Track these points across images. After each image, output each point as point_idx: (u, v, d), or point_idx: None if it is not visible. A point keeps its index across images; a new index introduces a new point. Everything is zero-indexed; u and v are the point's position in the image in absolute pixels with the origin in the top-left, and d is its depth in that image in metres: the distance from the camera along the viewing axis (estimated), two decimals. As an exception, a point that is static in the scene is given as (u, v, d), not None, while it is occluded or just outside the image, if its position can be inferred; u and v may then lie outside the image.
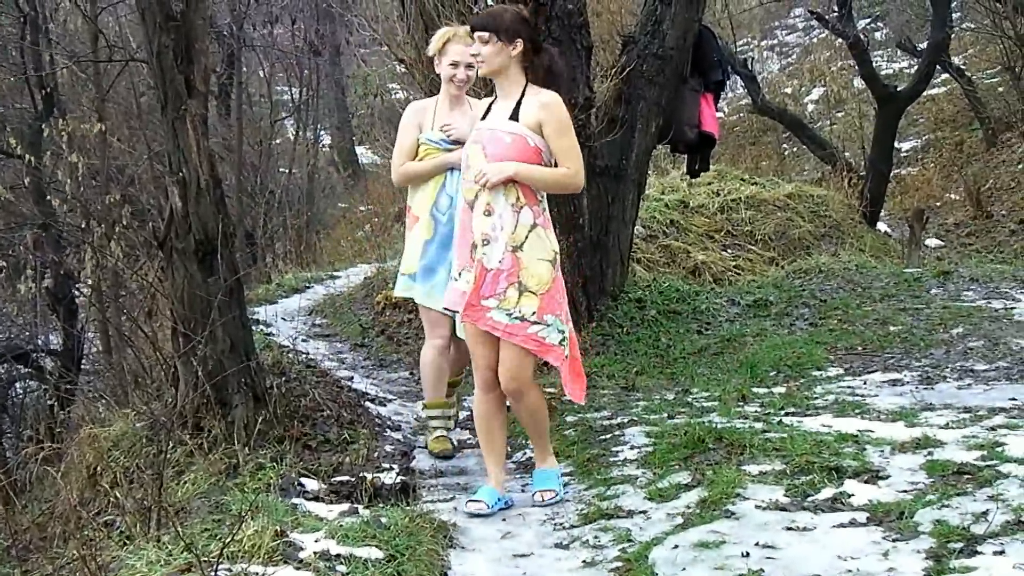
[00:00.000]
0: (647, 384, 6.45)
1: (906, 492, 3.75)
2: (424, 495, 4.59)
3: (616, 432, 5.20)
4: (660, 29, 7.67)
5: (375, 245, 13.62)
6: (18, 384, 11.29)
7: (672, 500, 4.05)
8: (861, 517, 3.59)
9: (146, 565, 3.41)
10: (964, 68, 17.04)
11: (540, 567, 3.73)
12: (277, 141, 18.48)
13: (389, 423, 5.86)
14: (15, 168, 10.94)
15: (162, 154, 5.45)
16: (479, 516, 4.21)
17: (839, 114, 19.50)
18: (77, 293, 10.57)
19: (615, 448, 4.92)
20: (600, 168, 7.53)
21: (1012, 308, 7.34)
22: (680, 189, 11.29)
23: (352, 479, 4.55)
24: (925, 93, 15.91)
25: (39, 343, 11.25)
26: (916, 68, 14.97)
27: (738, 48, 18.05)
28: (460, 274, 4.27)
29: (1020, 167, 14.72)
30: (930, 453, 4.13)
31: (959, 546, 3.20)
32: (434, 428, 5.25)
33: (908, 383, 5.76)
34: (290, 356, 6.61)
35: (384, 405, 6.30)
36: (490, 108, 4.30)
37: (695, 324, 7.80)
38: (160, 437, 4.87)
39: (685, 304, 8.13)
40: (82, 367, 10.27)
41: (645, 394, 6.16)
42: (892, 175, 14.89)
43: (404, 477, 4.64)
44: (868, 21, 22.69)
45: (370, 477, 4.55)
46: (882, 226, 13.78)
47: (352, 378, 6.88)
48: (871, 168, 13.84)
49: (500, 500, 4.32)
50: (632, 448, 4.86)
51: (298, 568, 3.40)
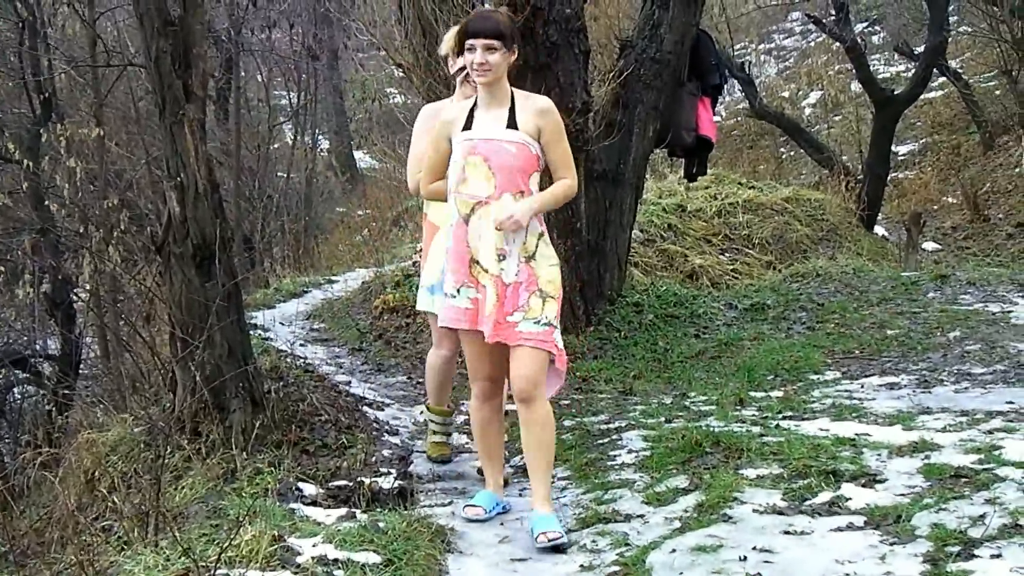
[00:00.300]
0: (645, 388, 6.46)
1: (903, 496, 3.76)
2: (422, 499, 4.59)
3: (613, 436, 5.20)
4: (658, 33, 7.70)
5: (373, 250, 13.63)
6: (16, 389, 11.28)
7: (670, 504, 4.05)
8: (858, 521, 3.59)
9: (144, 570, 3.42)
10: (961, 72, 17.08)
11: (537, 571, 3.73)
12: (275, 146, 18.47)
13: (387, 427, 5.86)
14: (13, 173, 10.95)
15: (160, 159, 5.45)
16: (477, 521, 4.21)
17: (836, 118, 19.53)
18: (75, 298, 10.57)
19: (612, 452, 4.93)
20: (598, 172, 7.54)
21: (1009, 311, 7.35)
22: (678, 193, 11.31)
23: (350, 483, 4.55)
24: (922, 97, 15.96)
25: (37, 348, 11.26)
26: (913, 72, 15.02)
27: (736, 52, 18.08)
28: (459, 291, 4.10)
29: (1017, 171, 14.74)
30: (927, 457, 4.14)
31: (956, 550, 3.20)
32: (433, 432, 5.26)
33: (905, 387, 5.76)
34: (288, 361, 6.61)
35: (382, 409, 6.30)
36: (472, 115, 4.12)
37: (693, 328, 7.82)
38: (158, 442, 4.87)
39: (683, 308, 8.14)
40: (80, 372, 10.28)
41: (643, 398, 6.17)
42: (889, 179, 14.93)
43: (402, 481, 4.63)
44: (865, 25, 22.74)
45: (368, 482, 4.55)
46: (879, 230, 13.81)
47: (350, 382, 6.87)
48: (868, 172, 13.86)
49: (498, 505, 4.32)
50: (630, 452, 4.87)
51: (296, 573, 3.41)
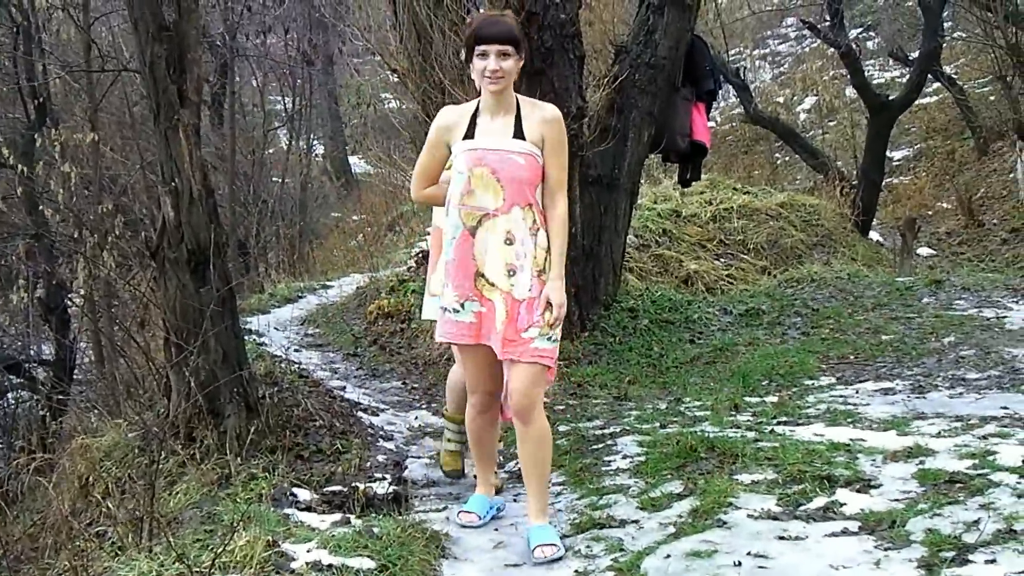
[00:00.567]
0: (639, 393, 6.46)
1: (898, 501, 3.76)
2: (416, 505, 4.59)
3: (608, 441, 5.20)
4: (652, 39, 7.71)
5: (368, 255, 13.63)
6: (10, 394, 11.23)
7: (664, 509, 4.05)
8: (853, 526, 3.59)
9: (137, 576, 3.41)
10: (956, 77, 17.11)
11: (532, 577, 3.72)
12: (270, 151, 18.47)
13: (382, 433, 5.86)
14: (7, 178, 10.91)
15: (155, 164, 5.44)
16: (471, 527, 4.20)
17: (831, 123, 19.57)
18: (69, 303, 10.54)
19: (607, 457, 4.93)
20: (592, 177, 7.55)
21: (1004, 317, 7.36)
22: (672, 198, 11.32)
23: (344, 489, 4.55)
24: (917, 102, 15.98)
25: (31, 353, 11.22)
26: (908, 77, 15.05)
27: (730, 57, 18.07)
28: (463, 305, 3.94)
29: (1011, 176, 14.77)
30: (922, 462, 4.14)
31: (951, 555, 3.21)
32: (448, 440, 5.11)
33: (900, 392, 5.76)
34: (283, 366, 6.61)
35: (377, 415, 6.29)
36: (474, 123, 3.98)
37: (687, 333, 7.82)
38: (152, 447, 4.87)
39: (677, 313, 8.15)
40: (74, 377, 10.25)
41: (637, 403, 6.17)
42: (884, 184, 14.95)
43: (396, 487, 4.63)
44: (860, 30, 22.78)
45: (362, 487, 4.55)
46: (874, 235, 13.82)
47: (345, 388, 6.87)
48: (863, 177, 13.88)
49: (491, 508, 4.31)
50: (624, 457, 4.87)
51: (290, 578, 3.40)
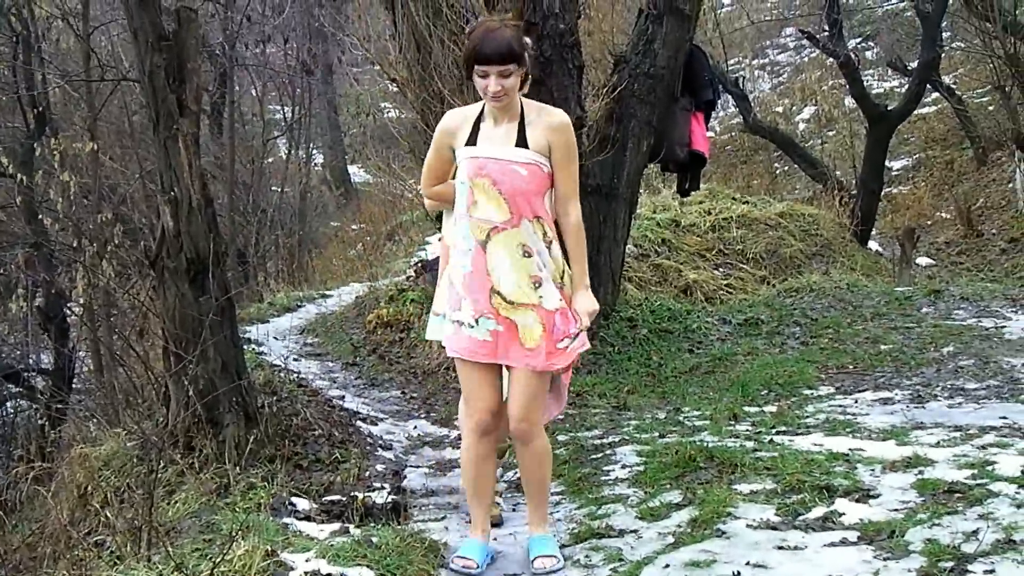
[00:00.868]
0: (638, 403, 6.46)
1: (897, 511, 3.76)
2: (415, 514, 4.59)
3: (607, 451, 5.20)
4: (651, 48, 7.72)
5: (367, 264, 13.66)
6: (9, 403, 11.23)
7: (663, 519, 4.05)
8: (852, 536, 3.59)
9: (136, 585, 3.41)
10: (954, 87, 17.14)
11: (531, 587, 3.72)
12: (269, 160, 18.50)
13: (380, 442, 5.86)
14: (7, 187, 10.92)
15: (154, 173, 5.45)
16: (467, 574, 3.84)
17: (830, 133, 19.59)
18: (68, 312, 10.53)
19: (606, 467, 4.93)
20: (592, 187, 7.54)
21: (1003, 327, 7.37)
22: (672, 208, 11.33)
23: (343, 498, 4.55)
24: (916, 112, 16.01)
25: (30, 362, 11.22)
26: (907, 87, 15.07)
27: (729, 67, 18.09)
28: (477, 321, 3.75)
29: (1010, 186, 14.78)
30: (921, 472, 4.14)
31: (950, 565, 3.20)
32: None
33: (899, 402, 5.77)
34: (281, 375, 6.61)
35: (375, 424, 6.29)
36: (477, 128, 3.77)
37: (686, 343, 7.83)
38: (151, 457, 4.86)
39: (676, 323, 8.15)
40: (73, 386, 10.24)
41: (636, 413, 6.17)
42: (883, 194, 14.96)
43: (395, 496, 4.63)
44: (859, 40, 22.82)
45: (361, 496, 4.54)
46: (873, 245, 13.83)
47: (343, 397, 6.87)
48: (862, 187, 13.89)
49: (488, 555, 3.98)
50: (623, 467, 4.86)
51: (288, 588, 3.40)
